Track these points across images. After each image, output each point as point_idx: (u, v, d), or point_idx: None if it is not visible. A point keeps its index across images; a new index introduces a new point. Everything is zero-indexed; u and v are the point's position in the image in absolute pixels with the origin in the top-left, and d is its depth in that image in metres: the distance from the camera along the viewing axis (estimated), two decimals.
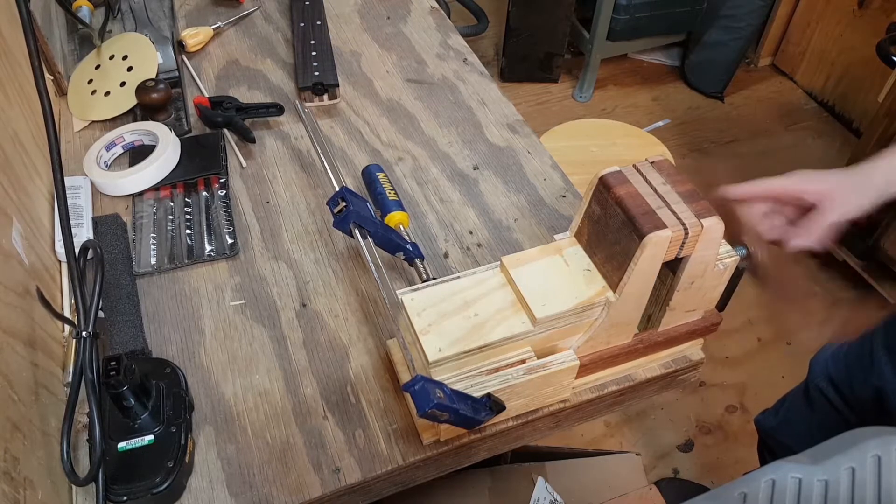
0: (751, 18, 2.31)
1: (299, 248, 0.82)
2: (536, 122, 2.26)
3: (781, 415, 1.18)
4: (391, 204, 0.81)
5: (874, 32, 2.07)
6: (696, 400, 1.64)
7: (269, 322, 0.75)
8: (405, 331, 0.62)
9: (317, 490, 0.62)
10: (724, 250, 0.61)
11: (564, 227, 0.82)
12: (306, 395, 0.68)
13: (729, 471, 1.52)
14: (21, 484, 0.52)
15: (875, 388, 0.96)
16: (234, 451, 0.64)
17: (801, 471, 0.44)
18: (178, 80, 1.01)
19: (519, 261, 0.62)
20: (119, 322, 0.71)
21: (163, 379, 0.65)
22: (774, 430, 1.18)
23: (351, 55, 1.11)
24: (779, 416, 1.18)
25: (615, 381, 0.69)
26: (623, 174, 0.58)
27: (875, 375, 0.96)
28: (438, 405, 0.53)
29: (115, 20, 1.08)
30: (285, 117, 0.98)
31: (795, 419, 1.14)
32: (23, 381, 0.58)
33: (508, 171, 0.92)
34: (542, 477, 1.07)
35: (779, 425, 1.18)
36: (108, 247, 0.79)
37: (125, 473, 0.59)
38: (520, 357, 0.60)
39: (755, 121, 2.39)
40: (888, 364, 0.94)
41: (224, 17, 1.15)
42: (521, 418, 0.66)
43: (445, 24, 1.17)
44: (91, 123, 0.97)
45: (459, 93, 1.04)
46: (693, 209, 0.55)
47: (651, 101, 2.47)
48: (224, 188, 0.88)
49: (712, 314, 0.67)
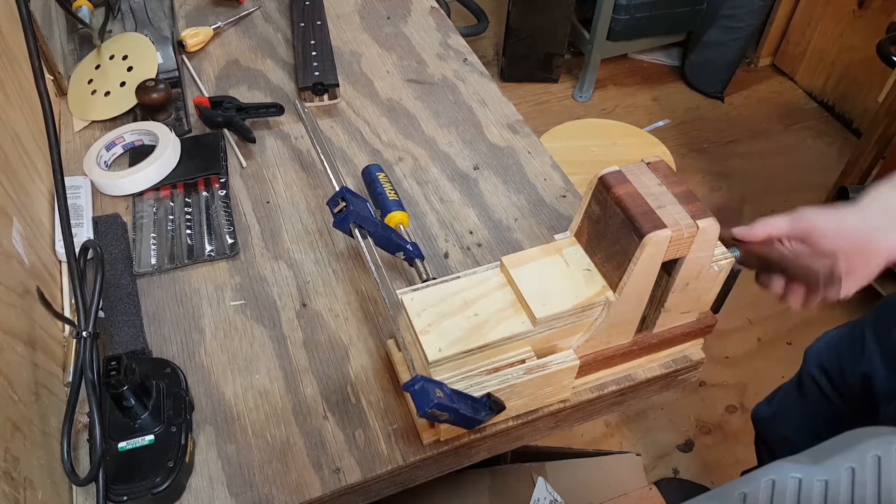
0: (751, 18, 2.31)
1: (299, 248, 0.82)
2: (536, 122, 2.26)
3: (775, 405, 1.19)
4: (391, 204, 0.81)
5: (874, 32, 2.07)
6: (696, 400, 1.64)
7: (269, 322, 0.75)
8: (405, 331, 0.62)
9: (317, 490, 0.62)
10: (719, 252, 0.61)
11: (564, 227, 0.82)
12: (306, 395, 0.68)
13: (729, 471, 1.52)
14: (21, 484, 0.52)
15: (863, 374, 0.96)
16: (234, 451, 0.64)
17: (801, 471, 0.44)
18: (178, 80, 1.01)
19: (519, 261, 0.62)
20: (119, 322, 0.71)
21: (163, 379, 0.65)
22: (768, 421, 1.19)
23: (351, 55, 1.11)
24: (772, 406, 1.19)
25: (615, 381, 0.70)
26: (623, 174, 0.58)
27: (864, 363, 0.96)
28: (438, 405, 0.53)
29: (115, 20, 1.08)
30: (285, 117, 0.98)
31: (789, 409, 1.15)
32: (23, 381, 0.58)
33: (508, 171, 0.92)
34: (542, 477, 1.07)
35: (773, 415, 1.19)
36: (108, 247, 0.79)
37: (125, 473, 0.59)
38: (520, 357, 0.60)
39: (755, 121, 2.39)
40: (877, 352, 0.95)
41: (224, 17, 1.15)
42: (521, 418, 0.66)
43: (445, 24, 1.17)
44: (91, 123, 0.97)
45: (459, 93, 1.04)
46: (688, 210, 0.55)
47: (651, 101, 2.47)
48: (224, 188, 0.88)
49: (707, 316, 0.67)
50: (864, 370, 0.96)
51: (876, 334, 0.96)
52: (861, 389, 0.98)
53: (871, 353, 0.96)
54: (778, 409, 1.18)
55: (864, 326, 0.99)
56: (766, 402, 1.21)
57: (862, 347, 0.98)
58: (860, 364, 0.97)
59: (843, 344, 1.03)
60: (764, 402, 1.22)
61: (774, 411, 1.18)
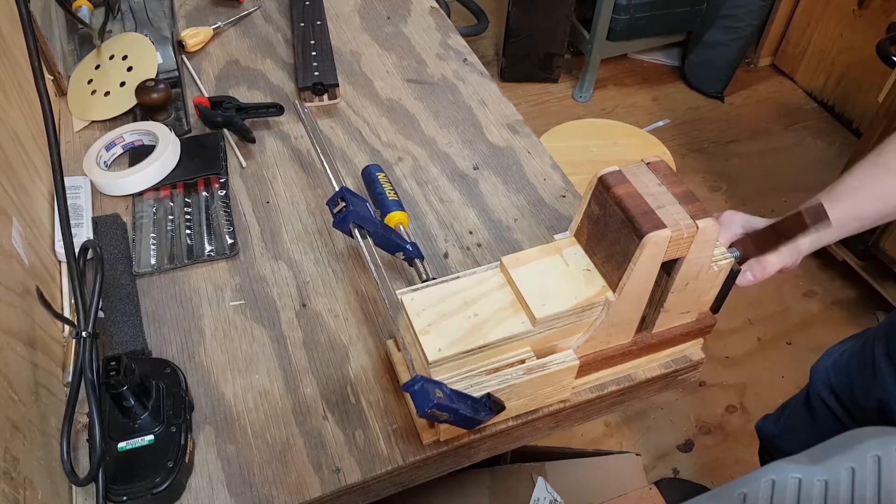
0: (751, 18, 2.31)
1: (299, 248, 0.82)
2: (536, 122, 2.26)
3: (783, 422, 1.16)
4: (391, 204, 0.81)
5: (874, 32, 2.07)
6: (696, 400, 1.64)
7: (269, 322, 0.75)
8: (405, 331, 0.62)
9: (317, 490, 0.62)
10: (719, 252, 0.61)
11: (564, 227, 0.82)
12: (306, 395, 0.68)
13: (729, 471, 1.52)
14: (21, 484, 0.52)
15: (878, 399, 0.93)
16: (234, 451, 0.64)
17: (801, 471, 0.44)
18: (178, 80, 1.01)
19: (519, 261, 0.62)
20: (119, 322, 0.71)
21: (163, 379, 0.65)
22: (777, 438, 1.17)
23: (351, 55, 1.11)
24: (780, 424, 1.17)
25: (615, 381, 0.69)
26: (622, 174, 0.58)
27: (878, 386, 0.93)
28: (438, 405, 0.53)
29: (115, 20, 1.08)
30: (285, 117, 0.98)
31: (797, 428, 1.12)
32: (23, 381, 0.58)
33: (508, 171, 0.92)
34: (542, 477, 1.07)
35: (780, 433, 1.16)
36: (108, 247, 0.79)
37: (125, 473, 0.59)
38: (519, 357, 0.60)
39: (755, 121, 2.39)
40: (891, 375, 0.92)
41: (224, 17, 1.15)
42: (521, 418, 0.66)
43: (445, 24, 1.17)
44: (91, 123, 0.97)
45: (459, 93, 1.04)
46: (688, 210, 0.55)
47: (651, 101, 2.47)
48: (224, 188, 0.88)
49: (706, 316, 0.67)
50: (879, 395, 0.93)
51: (888, 355, 0.92)
52: (877, 413, 0.94)
53: (885, 377, 0.92)
54: (786, 426, 1.15)
55: (874, 346, 0.95)
56: (774, 419, 1.18)
57: (873, 369, 0.94)
58: (873, 388, 0.94)
59: (852, 364, 1.00)
60: (771, 418, 1.19)
61: (782, 429, 1.16)
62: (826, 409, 1.05)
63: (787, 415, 1.16)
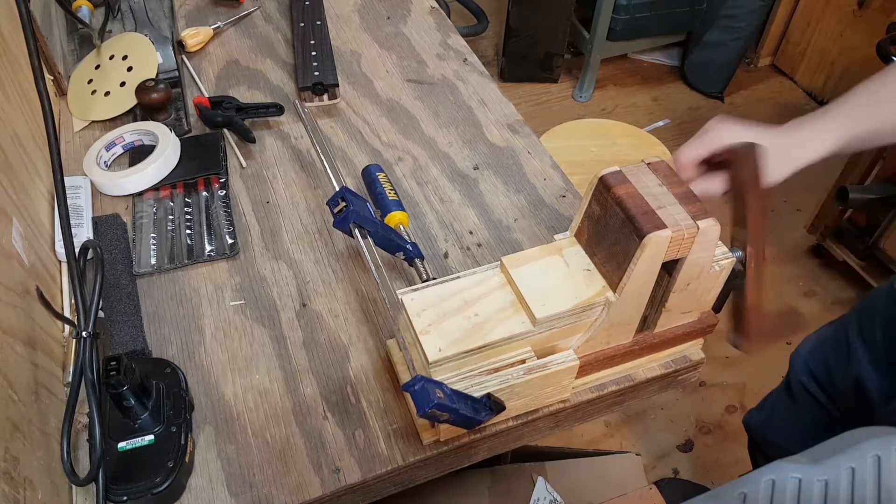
0: (751, 18, 2.31)
1: (299, 248, 0.82)
2: (536, 122, 2.26)
3: (766, 412, 1.18)
4: (391, 204, 0.81)
5: (874, 32, 2.07)
6: (696, 400, 1.64)
7: (269, 322, 0.75)
8: (405, 331, 0.62)
9: (317, 490, 0.62)
10: (720, 252, 0.61)
11: (564, 227, 0.82)
12: (306, 395, 0.68)
13: (729, 471, 1.52)
14: (21, 484, 0.52)
15: (854, 378, 0.96)
16: (234, 451, 0.64)
17: (801, 471, 0.44)
18: (178, 80, 1.01)
19: (519, 261, 0.62)
20: (119, 322, 0.71)
21: (163, 379, 0.65)
22: (761, 428, 1.19)
23: (351, 55, 1.11)
24: (763, 414, 1.19)
25: (615, 381, 0.69)
26: (623, 174, 0.58)
27: (853, 366, 0.96)
28: (438, 405, 0.53)
29: (114, 20, 1.08)
30: (285, 117, 0.98)
31: (780, 415, 1.15)
32: (23, 381, 0.58)
33: (508, 171, 0.92)
34: (542, 477, 1.07)
35: (764, 422, 1.18)
36: (108, 247, 0.79)
37: (125, 473, 0.59)
38: (520, 357, 0.60)
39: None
40: (863, 354, 0.94)
41: (224, 17, 1.15)
42: (521, 418, 0.66)
43: (445, 24, 1.17)
44: (91, 123, 0.97)
45: (459, 93, 1.04)
46: (689, 211, 0.55)
47: (651, 101, 2.47)
48: (224, 188, 0.88)
49: (708, 316, 0.67)
50: (854, 375, 0.95)
51: (861, 336, 0.95)
52: (854, 394, 0.97)
53: (859, 357, 0.95)
54: (769, 415, 1.17)
55: (848, 328, 0.98)
56: (758, 410, 1.21)
57: (848, 351, 0.97)
58: (849, 369, 0.96)
59: (828, 348, 1.02)
60: (755, 410, 1.22)
61: (765, 418, 1.18)
62: (807, 394, 1.07)
63: (769, 404, 1.18)
